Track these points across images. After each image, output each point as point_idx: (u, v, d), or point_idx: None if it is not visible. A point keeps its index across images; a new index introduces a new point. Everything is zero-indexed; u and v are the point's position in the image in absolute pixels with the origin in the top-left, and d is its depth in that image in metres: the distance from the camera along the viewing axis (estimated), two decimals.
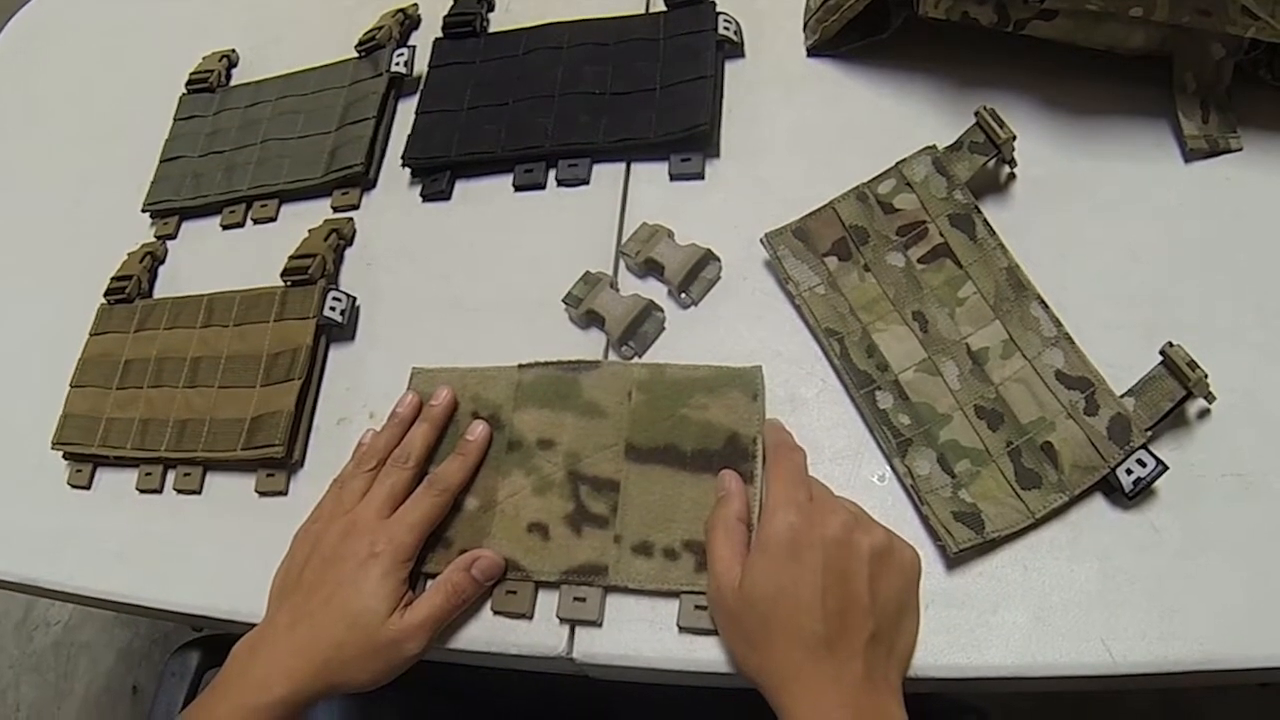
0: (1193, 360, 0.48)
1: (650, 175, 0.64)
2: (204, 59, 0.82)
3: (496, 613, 0.52)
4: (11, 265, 0.80)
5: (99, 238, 0.76)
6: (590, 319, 0.58)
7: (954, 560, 0.48)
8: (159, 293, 0.72)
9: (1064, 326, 0.52)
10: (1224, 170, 0.57)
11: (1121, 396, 0.49)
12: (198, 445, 0.62)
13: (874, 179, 0.58)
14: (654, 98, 0.64)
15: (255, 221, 0.72)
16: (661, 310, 0.58)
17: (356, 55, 0.74)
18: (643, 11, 0.70)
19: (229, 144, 0.75)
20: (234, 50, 0.82)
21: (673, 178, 0.63)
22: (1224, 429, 0.50)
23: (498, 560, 0.52)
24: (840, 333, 0.54)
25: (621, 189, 0.64)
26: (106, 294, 0.71)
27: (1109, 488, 0.49)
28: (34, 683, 1.37)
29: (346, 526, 0.52)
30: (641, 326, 0.57)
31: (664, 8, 0.69)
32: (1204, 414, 0.50)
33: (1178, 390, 0.48)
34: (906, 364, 0.53)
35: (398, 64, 0.71)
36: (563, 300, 0.59)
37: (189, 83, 0.80)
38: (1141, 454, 0.48)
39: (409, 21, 0.76)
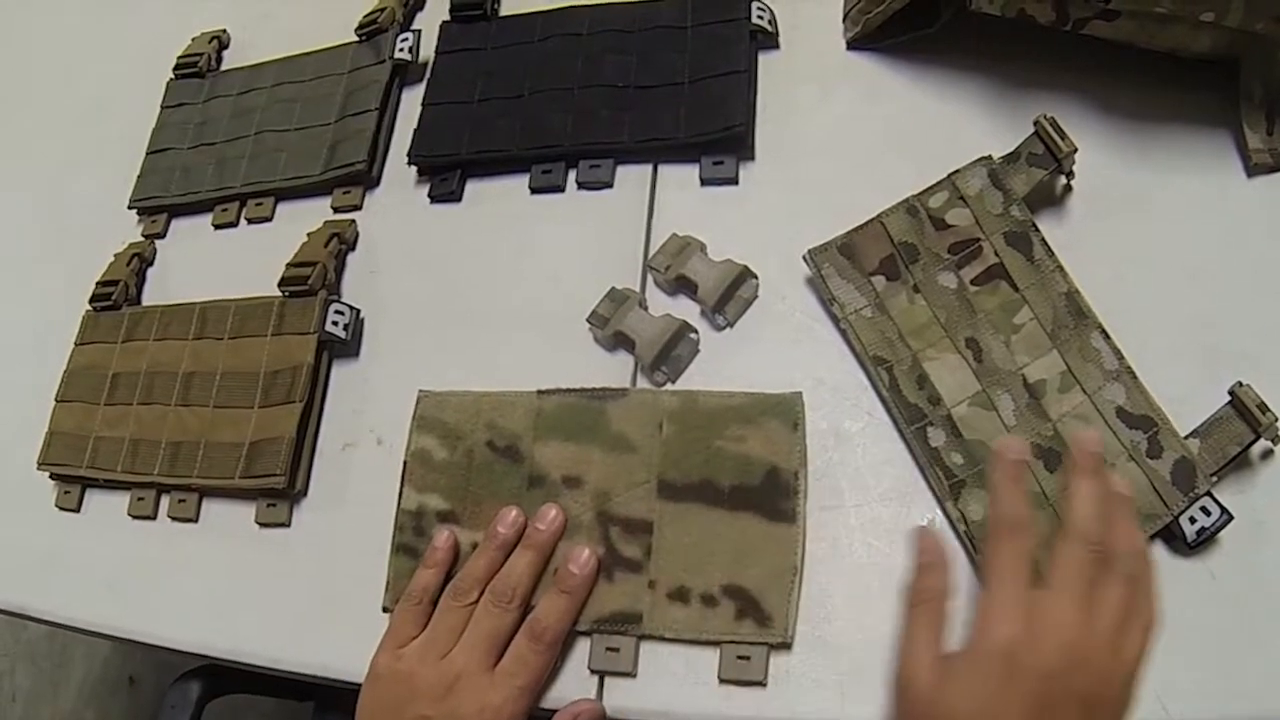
0: (1263, 403, 0.45)
1: (679, 179, 0.59)
2: (193, 40, 0.76)
3: None
4: None
5: (83, 236, 0.72)
6: (618, 341, 0.54)
7: None
8: (148, 298, 0.67)
9: (1126, 359, 0.48)
10: None
11: (1185, 438, 0.46)
12: (192, 471, 0.58)
13: (925, 191, 0.53)
14: (682, 92, 0.59)
15: (250, 221, 0.67)
16: (696, 332, 0.54)
17: (356, 39, 0.69)
18: None
19: (220, 135, 0.70)
20: (225, 31, 0.77)
21: (704, 182, 0.58)
22: None
23: (600, 711, 0.47)
24: (889, 361, 0.50)
25: (648, 194, 0.59)
26: (92, 300, 0.66)
27: (1169, 535, 0.46)
28: (29, 672, 1.35)
29: (449, 679, 0.47)
30: (675, 350, 0.53)
31: None
32: (1267, 455, 0.47)
33: (1246, 434, 0.45)
34: (959, 397, 0.49)
35: (401, 50, 0.66)
36: (587, 320, 0.54)
37: (177, 67, 0.74)
38: (1206, 501, 0.45)
39: (413, 2, 0.70)
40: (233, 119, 0.70)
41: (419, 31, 0.67)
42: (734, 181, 0.58)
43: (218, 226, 0.67)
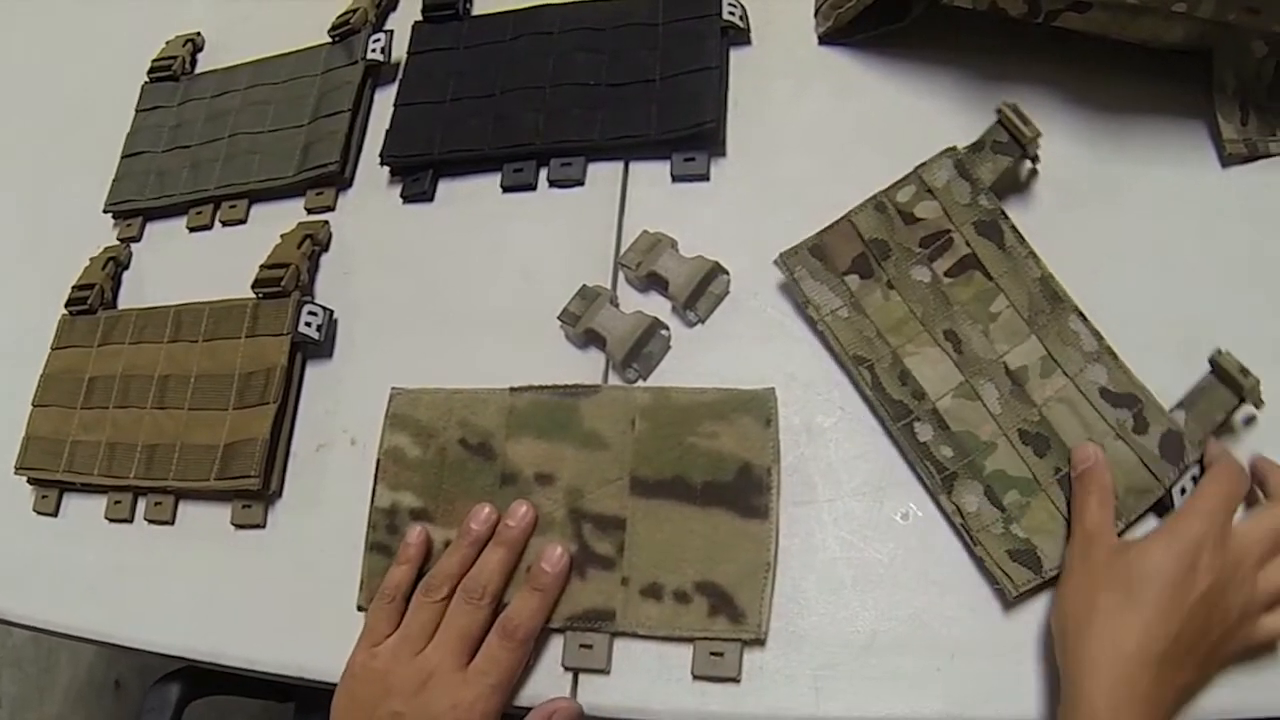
0: (1244, 367, 0.46)
1: (651, 176, 0.59)
2: (167, 43, 0.76)
3: None
4: None
5: (60, 240, 0.71)
6: (590, 338, 0.54)
7: (1012, 603, 0.45)
8: (124, 301, 0.67)
9: (1105, 340, 0.49)
10: (1263, 176, 0.53)
11: (1171, 411, 0.47)
12: (168, 473, 0.58)
13: (892, 186, 0.53)
14: (654, 90, 0.59)
15: (224, 223, 0.67)
16: (667, 329, 0.53)
17: (330, 40, 0.69)
18: None
19: (195, 138, 0.69)
20: (199, 33, 0.76)
21: (675, 178, 0.58)
22: (1268, 453, 0.46)
23: (575, 710, 0.47)
24: (870, 359, 0.50)
25: (619, 190, 0.59)
26: (68, 304, 0.66)
27: (1162, 508, 0.46)
28: (14, 677, 1.34)
29: (422, 676, 0.47)
30: (646, 347, 0.53)
31: None
32: (1251, 420, 0.48)
33: (1230, 400, 0.46)
34: (943, 389, 0.49)
35: (374, 50, 0.66)
36: (559, 317, 0.54)
37: (151, 70, 0.74)
38: (1196, 470, 0.46)
39: (386, 2, 0.70)
40: (207, 122, 0.70)
41: (391, 32, 0.67)
42: (705, 178, 0.58)
43: (192, 229, 0.67)
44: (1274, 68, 0.54)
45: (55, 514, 0.62)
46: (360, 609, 0.52)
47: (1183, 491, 0.46)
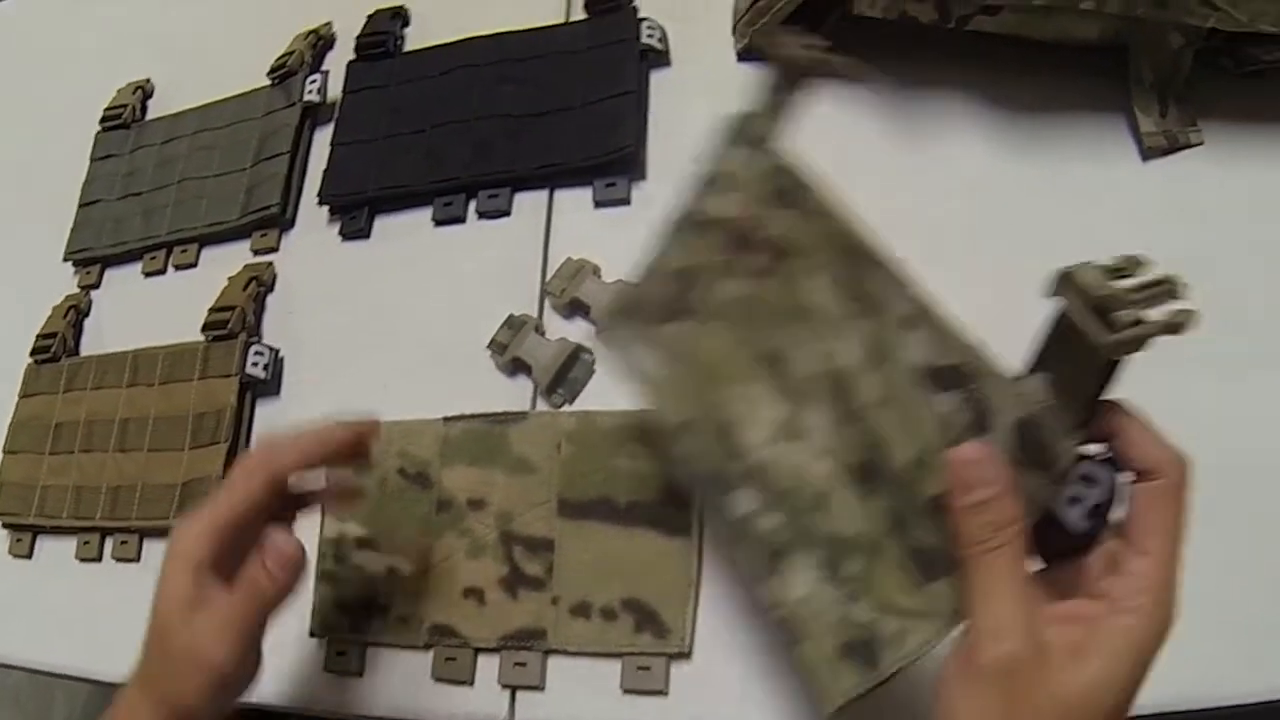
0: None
1: (574, 202, 0.60)
2: (118, 92, 0.78)
3: (437, 680, 0.51)
4: None
5: (24, 289, 0.74)
6: (517, 366, 0.56)
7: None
8: (86, 347, 0.70)
9: (917, 294, 0.36)
10: (1185, 167, 0.53)
11: (1024, 378, 0.33)
12: (131, 513, 0.61)
13: (694, 198, 0.44)
14: (574, 117, 0.60)
15: (176, 267, 0.69)
16: (590, 353, 0.55)
17: (270, 83, 0.71)
18: (563, 21, 0.66)
19: (146, 185, 0.72)
20: (148, 80, 0.79)
21: (597, 204, 0.60)
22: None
23: (295, 548, 0.45)
24: (693, 419, 0.41)
25: (545, 219, 0.60)
26: (33, 353, 0.69)
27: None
28: (13, 714, 1.36)
29: None
30: (570, 372, 0.54)
31: (584, 16, 0.64)
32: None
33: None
34: (764, 435, 0.39)
35: (310, 92, 0.68)
36: (488, 346, 0.56)
37: (103, 119, 0.76)
38: (1086, 468, 0.32)
39: (322, 43, 0.72)
40: (157, 168, 0.72)
41: (327, 72, 0.69)
42: (626, 202, 0.59)
43: (147, 274, 0.70)
44: (1192, 59, 0.53)
45: (30, 556, 0.64)
46: (312, 635, 0.54)
47: (1072, 502, 0.32)
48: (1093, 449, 0.33)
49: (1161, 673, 0.41)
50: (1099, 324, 0.31)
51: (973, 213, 0.54)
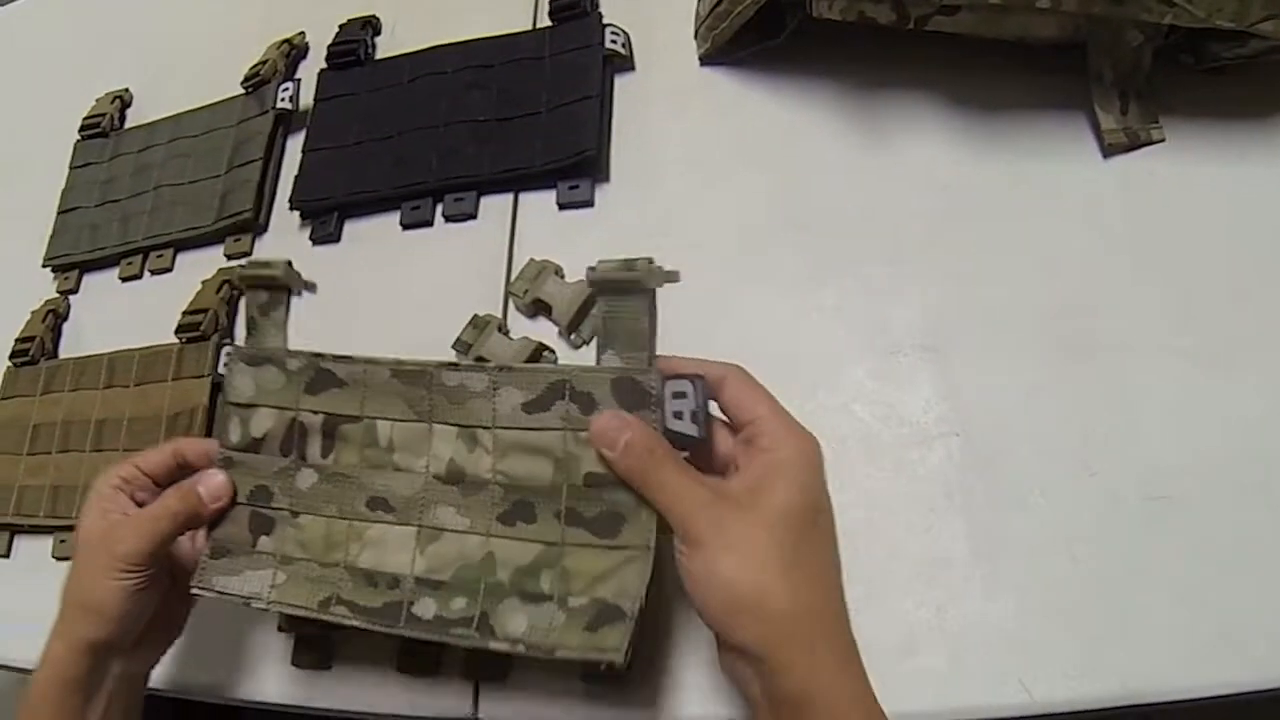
0: (625, 263, 0.41)
1: (539, 205, 0.62)
2: (97, 101, 0.79)
3: (402, 671, 0.52)
4: None
5: (3, 296, 0.75)
6: None
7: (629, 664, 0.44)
8: (64, 350, 0.71)
9: (491, 361, 0.49)
10: (1146, 164, 0.53)
11: (600, 362, 0.42)
12: None
13: (222, 432, 0.49)
14: (539, 122, 0.62)
15: (153, 272, 0.70)
16: (553, 352, 0.56)
17: (244, 91, 0.72)
18: (529, 28, 0.67)
19: (124, 192, 0.73)
20: (127, 90, 0.80)
21: (561, 207, 0.61)
22: (1143, 447, 0.47)
23: (224, 481, 0.48)
24: (332, 594, 0.45)
25: (510, 222, 0.62)
26: (12, 356, 0.70)
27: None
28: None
29: None
30: None
31: (550, 23, 0.66)
32: (1123, 432, 0.47)
33: (642, 300, 0.41)
34: (409, 554, 0.44)
35: (283, 100, 0.69)
36: (452, 346, 0.57)
37: (82, 128, 0.78)
38: (675, 385, 0.40)
39: (295, 52, 0.74)
40: (134, 175, 0.73)
41: (299, 81, 0.70)
42: (589, 204, 0.60)
43: (124, 279, 0.71)
44: (1152, 56, 0.54)
45: (8, 555, 0.66)
46: (281, 630, 0.55)
47: (677, 416, 0.40)
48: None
49: (1139, 665, 0.43)
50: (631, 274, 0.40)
51: (935, 210, 0.55)
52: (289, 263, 0.50)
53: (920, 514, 0.48)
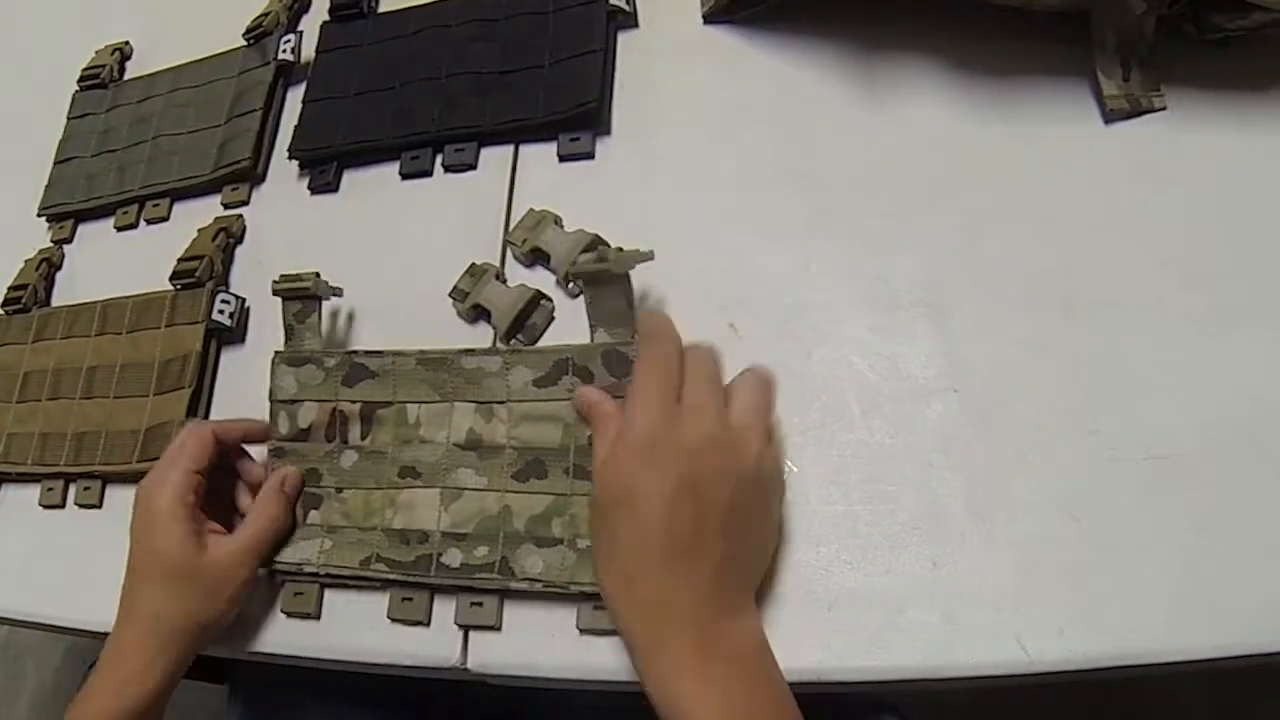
0: (601, 254, 0.49)
1: (539, 157, 0.61)
2: (96, 53, 0.79)
3: (393, 620, 0.51)
4: None
5: None
6: (478, 313, 0.56)
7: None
8: (57, 299, 0.70)
9: (505, 345, 0.54)
10: (1147, 131, 0.53)
11: (593, 340, 0.50)
12: (95, 458, 0.61)
13: (272, 427, 0.55)
14: (542, 75, 0.61)
15: (148, 222, 0.70)
16: (550, 300, 0.56)
17: (245, 43, 0.71)
18: None
19: (121, 142, 0.73)
20: (127, 43, 0.80)
21: (561, 158, 0.60)
22: (1143, 408, 0.46)
23: (295, 475, 0.53)
24: (369, 551, 0.51)
25: (509, 172, 0.61)
26: (3, 304, 0.70)
27: None
28: None
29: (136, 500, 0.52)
30: (530, 319, 0.55)
31: None
32: (1123, 392, 0.47)
33: (620, 285, 0.48)
34: (436, 512, 0.51)
35: (285, 51, 0.69)
36: (449, 294, 0.57)
37: (81, 79, 0.77)
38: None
39: (298, 5, 0.73)
40: (133, 126, 0.73)
41: (301, 33, 0.70)
42: (590, 156, 0.60)
43: (119, 229, 0.70)
44: (1155, 26, 0.53)
45: None
46: (272, 576, 0.54)
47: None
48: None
49: (1137, 626, 0.42)
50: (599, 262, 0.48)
51: (936, 173, 0.55)
52: (317, 274, 0.56)
53: (917, 468, 0.48)
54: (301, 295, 0.56)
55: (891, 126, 0.57)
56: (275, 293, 0.56)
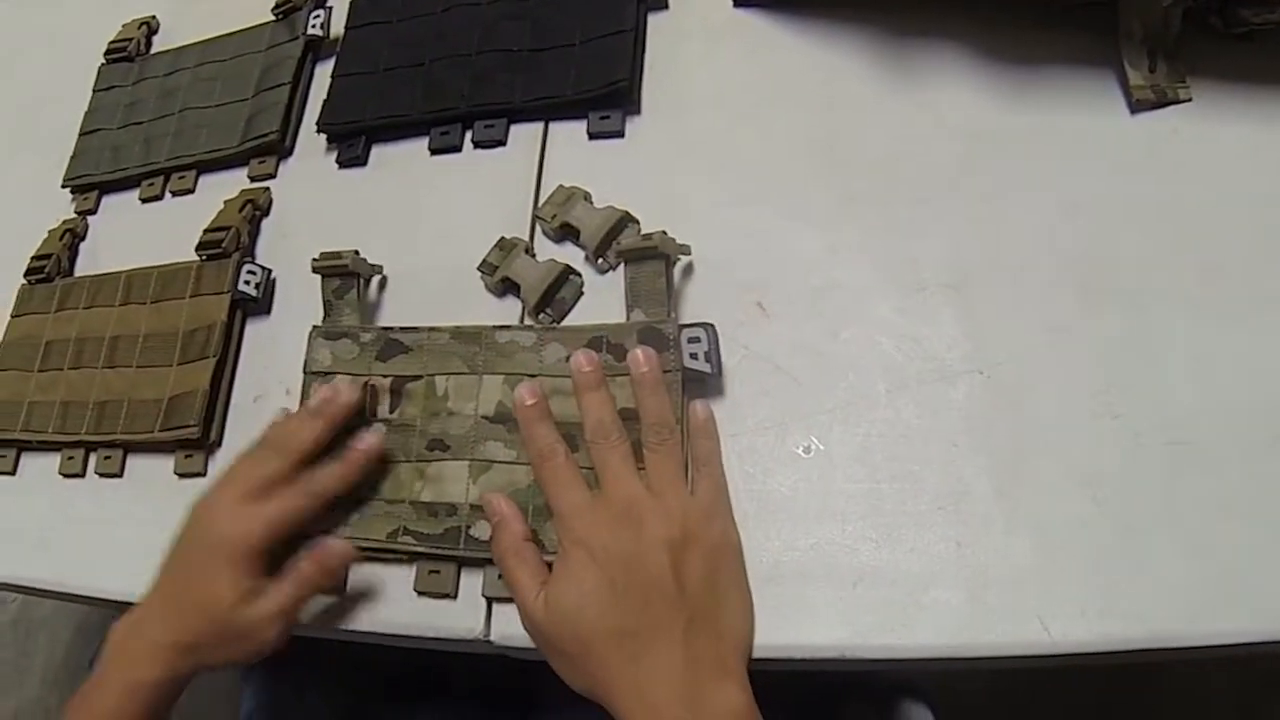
0: (644, 235, 0.52)
1: (569, 135, 0.61)
2: (123, 26, 0.79)
3: (420, 594, 0.51)
4: None
5: (20, 214, 0.75)
6: (506, 286, 0.57)
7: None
8: (80, 270, 0.70)
9: (537, 324, 0.54)
10: (1172, 122, 0.53)
11: (629, 319, 0.51)
12: (117, 427, 0.61)
13: (304, 399, 0.56)
14: (573, 53, 0.61)
15: (174, 194, 0.70)
16: (579, 275, 0.56)
17: (274, 18, 0.72)
18: None
19: (147, 114, 0.73)
20: (154, 17, 0.80)
21: (591, 136, 0.61)
22: (1166, 393, 0.47)
23: (345, 549, 0.51)
24: (397, 523, 0.52)
25: (539, 149, 0.61)
26: (27, 274, 0.70)
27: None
28: None
29: (208, 507, 0.51)
30: (559, 293, 0.55)
31: None
32: (1147, 377, 0.47)
33: (658, 265, 0.51)
34: (462, 486, 0.51)
35: (314, 26, 0.69)
36: (478, 268, 0.57)
37: (108, 52, 0.78)
38: (690, 332, 0.50)
39: None
40: (159, 99, 0.73)
41: (330, 8, 0.70)
42: (620, 134, 0.60)
43: (144, 200, 0.70)
44: (1181, 18, 0.53)
45: (13, 472, 0.65)
46: None
47: (693, 358, 0.49)
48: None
49: (1159, 609, 0.42)
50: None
51: (963, 154, 0.55)
52: (356, 251, 0.58)
53: (942, 449, 0.48)
54: (340, 272, 0.57)
55: (919, 112, 0.57)
56: (315, 270, 0.57)
